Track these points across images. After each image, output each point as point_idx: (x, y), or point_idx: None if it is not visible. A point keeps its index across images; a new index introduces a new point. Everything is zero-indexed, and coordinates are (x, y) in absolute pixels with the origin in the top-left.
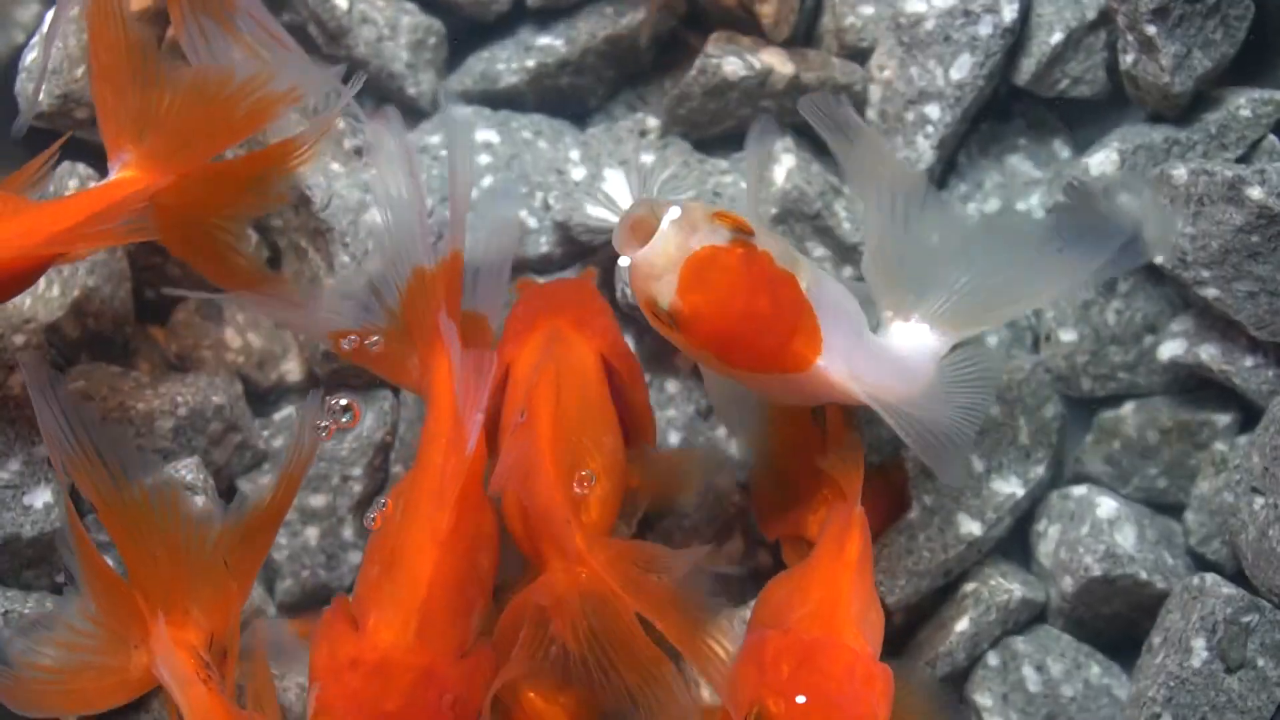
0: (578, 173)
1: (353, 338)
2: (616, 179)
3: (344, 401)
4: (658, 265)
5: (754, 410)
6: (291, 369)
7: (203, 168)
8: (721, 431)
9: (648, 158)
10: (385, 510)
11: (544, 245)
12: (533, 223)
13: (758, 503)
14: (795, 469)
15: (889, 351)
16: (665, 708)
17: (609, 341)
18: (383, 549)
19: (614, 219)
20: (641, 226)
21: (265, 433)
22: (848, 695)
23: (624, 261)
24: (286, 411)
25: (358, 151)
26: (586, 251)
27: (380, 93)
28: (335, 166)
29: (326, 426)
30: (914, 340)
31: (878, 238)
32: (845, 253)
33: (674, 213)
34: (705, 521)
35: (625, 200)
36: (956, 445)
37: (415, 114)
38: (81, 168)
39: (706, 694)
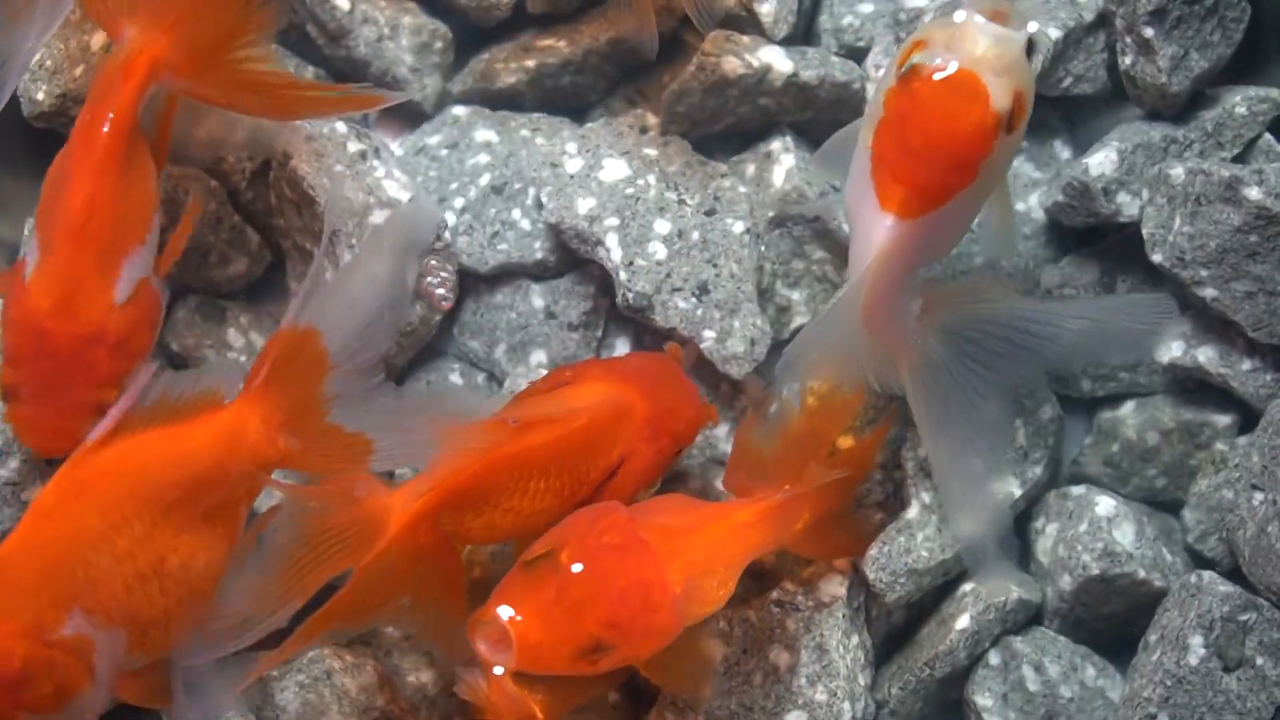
0: (573, 165)
1: None
2: (616, 169)
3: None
4: (963, 45)
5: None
6: None
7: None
8: (720, 430)
9: (650, 152)
10: None
11: (539, 251)
12: (526, 224)
13: (737, 456)
14: (791, 452)
15: (910, 296)
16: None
17: (649, 455)
18: None
19: None
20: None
21: None
22: (624, 601)
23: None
24: None
25: (362, 156)
26: (581, 260)
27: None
28: (339, 169)
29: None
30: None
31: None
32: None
33: (1022, 52)
34: None
35: None
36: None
37: (418, 116)
38: None
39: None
